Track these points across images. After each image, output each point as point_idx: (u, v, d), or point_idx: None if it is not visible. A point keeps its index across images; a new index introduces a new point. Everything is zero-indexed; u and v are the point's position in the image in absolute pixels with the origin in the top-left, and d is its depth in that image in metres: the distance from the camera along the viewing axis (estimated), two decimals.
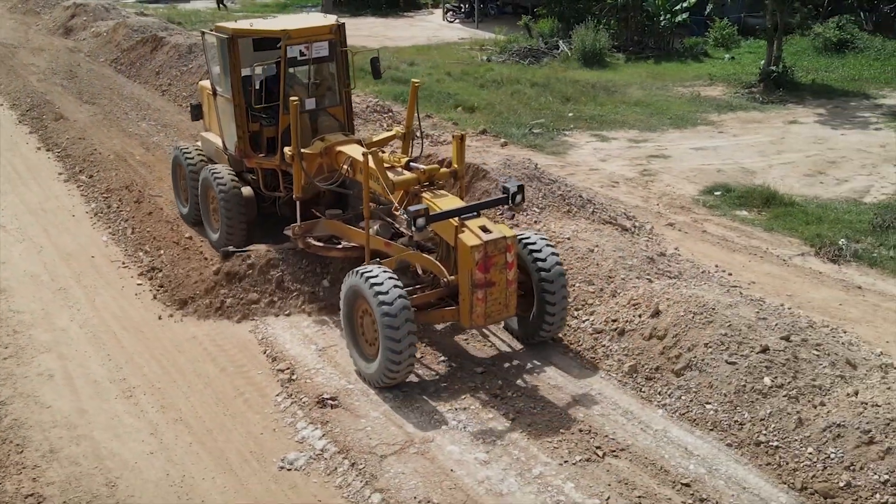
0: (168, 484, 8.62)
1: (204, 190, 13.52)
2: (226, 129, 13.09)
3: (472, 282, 9.43)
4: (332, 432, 9.20)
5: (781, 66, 26.38)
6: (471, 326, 10.02)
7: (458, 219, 9.71)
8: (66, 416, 9.71)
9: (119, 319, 11.90)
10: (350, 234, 11.71)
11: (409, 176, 10.53)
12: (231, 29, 12.35)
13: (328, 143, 11.83)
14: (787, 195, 16.53)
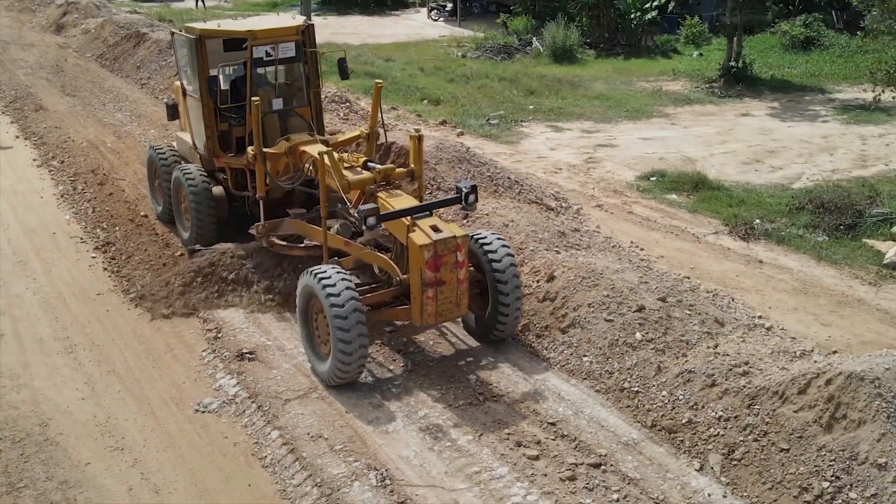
0: (94, 424, 9.60)
1: (175, 189, 13.67)
2: (196, 129, 13.20)
3: (422, 281, 9.51)
4: (245, 381, 10.18)
5: (742, 62, 27.26)
6: (423, 325, 10.12)
7: (411, 218, 9.80)
8: (10, 369, 10.70)
9: (70, 287, 12.89)
10: (312, 233, 11.76)
11: (365, 175, 10.65)
12: (199, 29, 12.51)
13: (293, 143, 11.90)
14: (718, 181, 17.45)
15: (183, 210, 13.62)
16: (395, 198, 10.31)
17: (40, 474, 8.80)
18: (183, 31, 12.90)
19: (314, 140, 12.05)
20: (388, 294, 10.32)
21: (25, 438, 9.37)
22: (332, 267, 9.81)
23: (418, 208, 10.00)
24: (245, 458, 8.99)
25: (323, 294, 9.42)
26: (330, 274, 9.58)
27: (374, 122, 12.29)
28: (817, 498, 7.55)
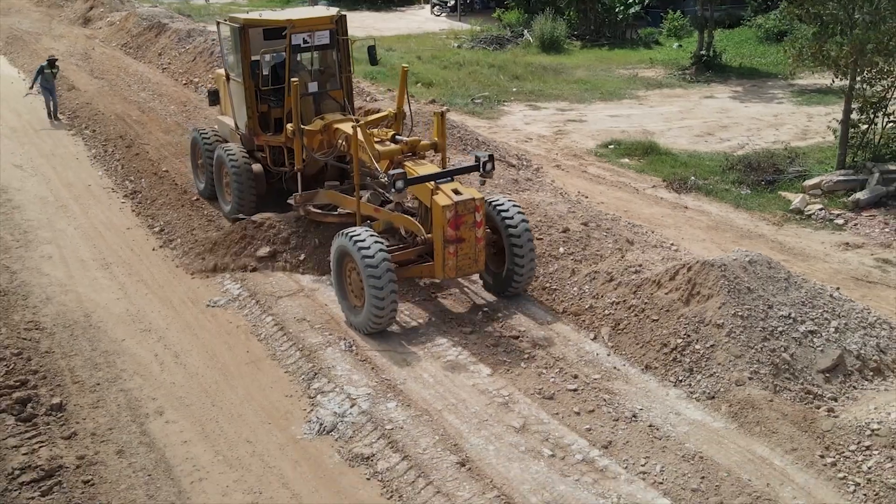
0: (127, 315, 12.16)
1: (218, 166, 14.75)
2: (238, 111, 14.24)
3: (444, 238, 10.55)
4: (246, 285, 12.73)
5: (712, 51, 29.60)
6: (443, 278, 11.19)
7: (434, 183, 10.83)
8: (59, 280, 13.28)
9: (104, 224, 15.48)
10: (345, 202, 12.74)
11: (394, 147, 11.72)
12: (242, 19, 13.54)
13: (327, 121, 12.89)
14: (668, 148, 19.86)
15: (224, 185, 14.73)
16: (420, 166, 11.34)
17: (86, 347, 11.34)
18: (228, 21, 13.89)
19: (346, 119, 13.03)
20: (414, 252, 11.46)
21: (73, 324, 11.92)
22: (364, 229, 10.90)
23: (440, 174, 11.04)
24: (245, 335, 11.54)
25: (357, 253, 10.51)
26: (363, 235, 10.64)
27: (402, 103, 12.93)
28: (672, 350, 10.01)
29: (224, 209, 14.92)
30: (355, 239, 10.65)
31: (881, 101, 17.01)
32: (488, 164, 11.45)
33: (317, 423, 9.51)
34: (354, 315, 11.09)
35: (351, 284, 11.16)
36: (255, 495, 8.51)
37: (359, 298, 10.96)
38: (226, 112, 15.40)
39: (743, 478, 8.15)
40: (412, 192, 11.23)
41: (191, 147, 16.32)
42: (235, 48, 13.68)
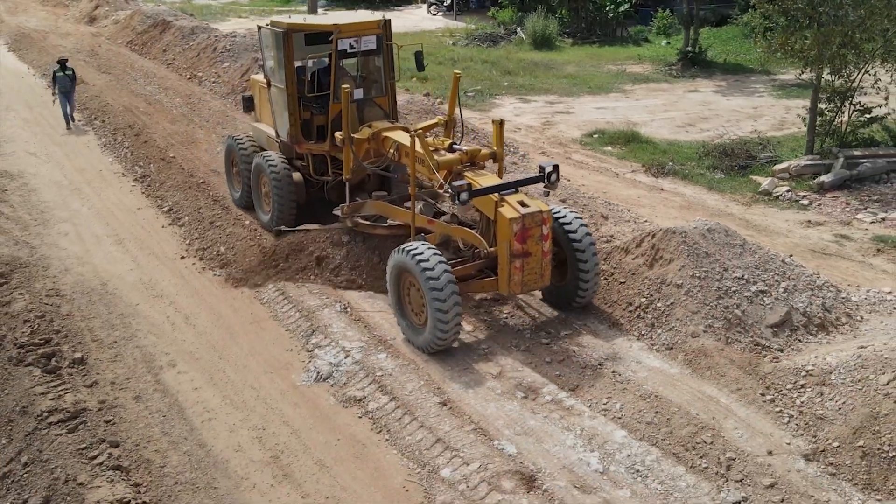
0: (140, 283, 13.21)
1: (256, 175, 14.36)
2: (279, 118, 13.87)
3: (510, 252, 10.12)
4: None
5: (697, 47, 30.66)
6: (509, 294, 10.86)
7: (498, 194, 10.41)
8: (76, 253, 14.32)
9: (116, 204, 16.53)
10: (395, 214, 12.40)
11: (453, 156, 11.20)
12: (286, 24, 13.07)
13: (375, 129, 12.51)
14: (650, 137, 20.90)
15: (263, 195, 14.34)
16: (482, 176, 10.91)
17: (103, 310, 12.39)
18: (270, 26, 13.48)
19: (395, 127, 12.73)
20: (474, 266, 11.00)
21: (91, 291, 12.97)
22: (423, 244, 10.47)
23: (505, 185, 10.61)
24: (248, 299, 12.59)
25: (418, 269, 10.12)
26: (423, 251, 10.23)
27: (452, 110, 12.60)
28: (637, 308, 11.05)
29: (262, 219, 14.46)
30: (415, 255, 10.24)
31: (847, 91, 18.03)
32: (553, 175, 11.00)
33: (314, 371, 10.56)
34: (415, 334, 10.67)
35: (410, 302, 10.77)
36: (259, 431, 9.55)
37: (419, 317, 10.58)
38: (261, 119, 15.18)
39: (692, 412, 9.19)
40: (474, 203, 10.72)
41: (225, 155, 15.87)
42: (278, 54, 13.31)
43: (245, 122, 21.08)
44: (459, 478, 8.54)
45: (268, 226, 14.20)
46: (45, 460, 9.06)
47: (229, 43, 27.35)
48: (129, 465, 9.04)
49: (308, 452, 9.14)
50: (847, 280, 12.60)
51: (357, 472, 8.81)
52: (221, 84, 25.06)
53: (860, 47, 17.42)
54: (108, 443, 9.38)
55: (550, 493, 8.24)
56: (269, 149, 14.48)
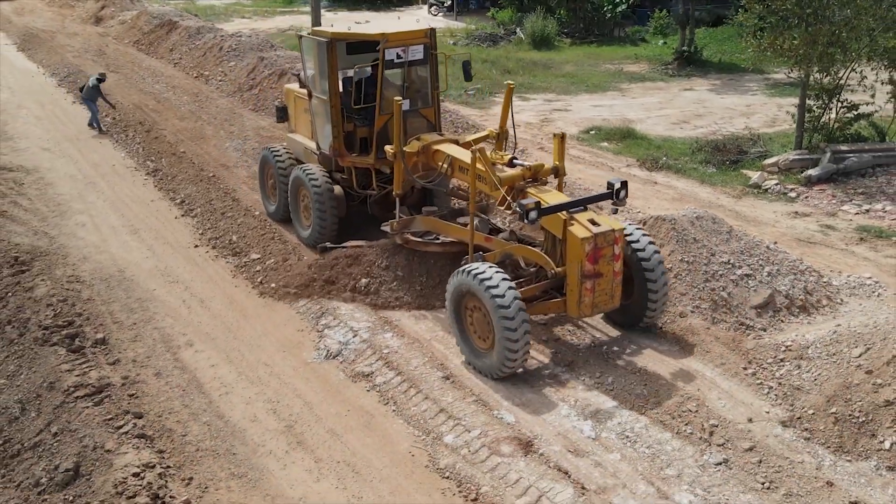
0: (156, 270, 13.86)
1: (294, 188, 13.93)
2: (320, 130, 13.51)
3: (581, 273, 9.73)
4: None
5: (693, 47, 31.33)
6: (579, 316, 10.46)
7: (567, 212, 10.02)
8: (93, 243, 14.96)
9: (130, 197, 17.18)
10: (448, 230, 11.97)
11: (515, 172, 10.83)
12: (330, 33, 12.81)
13: (425, 142, 12.08)
14: (645, 134, 21.54)
15: (302, 209, 13.96)
16: (546, 193, 10.51)
17: (122, 295, 13.04)
18: (312, 35, 13.25)
19: (445, 139, 12.27)
20: (539, 288, 10.46)
21: (109, 278, 13.62)
22: (487, 265, 10.07)
23: (574, 203, 10.28)
24: (254, 284, 13.23)
25: (485, 294, 9.70)
26: (490, 273, 9.81)
27: (505, 122, 12.43)
28: None
29: (302, 234, 14.08)
30: (481, 278, 9.81)
31: (835, 89, 18.68)
32: (622, 192, 10.59)
33: (324, 350, 11.22)
34: (479, 358, 10.23)
35: (473, 325, 10.33)
36: (274, 404, 10.20)
37: (484, 341, 10.17)
38: (297, 130, 14.92)
39: (678, 384, 9.84)
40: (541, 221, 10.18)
41: (260, 167, 15.39)
42: (320, 64, 12.96)
43: (251, 120, 21.80)
44: (461, 443, 9.19)
45: (307, 241, 13.83)
46: (74, 430, 9.68)
47: (235, 42, 27.99)
48: (152, 434, 9.67)
49: (320, 422, 9.78)
50: (829, 266, 13.24)
51: (366, 439, 9.46)
52: (228, 83, 25.70)
53: (847, 46, 18.04)
54: (133, 414, 10.01)
55: (546, 456, 8.88)
56: (307, 161, 14.13)
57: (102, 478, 8.86)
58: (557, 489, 8.39)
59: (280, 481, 8.86)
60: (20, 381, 10.98)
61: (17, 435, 10.15)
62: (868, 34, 17.84)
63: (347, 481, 8.79)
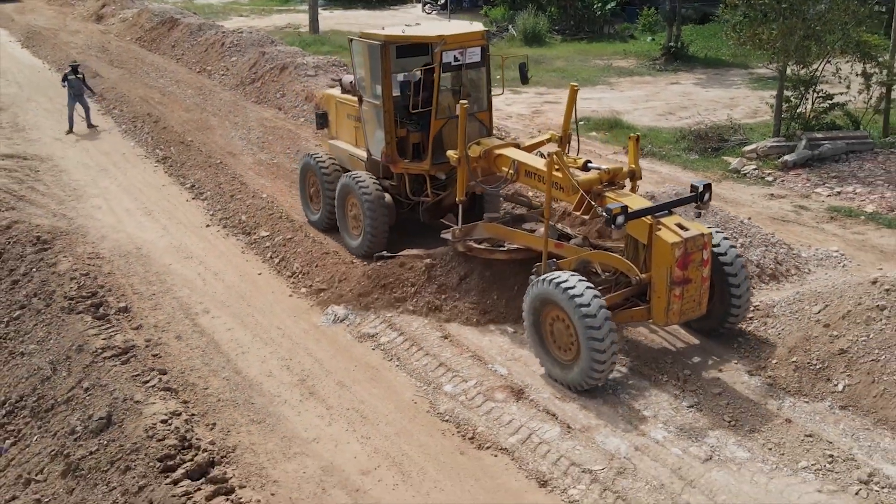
0: (171, 246, 14.79)
1: (342, 197, 13.50)
2: (371, 136, 13.12)
3: (670, 279, 9.40)
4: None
5: (680, 43, 32.35)
6: (665, 324, 10.04)
7: (652, 217, 9.69)
8: (110, 223, 15.89)
9: (142, 182, 18.12)
10: (514, 237, 11.65)
11: (593, 176, 10.41)
12: (383, 36, 12.36)
13: (486, 147, 11.81)
14: (632, 124, 22.52)
15: (351, 217, 13.52)
16: (625, 197, 10.13)
17: (140, 269, 13.97)
18: (363, 38, 12.82)
19: (507, 144, 12.15)
20: (622, 295, 10.13)
21: (127, 254, 14.55)
22: (570, 273, 9.78)
23: (660, 207, 9.95)
24: (264, 259, 14.18)
25: (570, 303, 9.36)
26: (574, 282, 9.47)
27: (568, 125, 11.93)
28: None
29: (350, 245, 13.64)
30: (563, 286, 9.47)
31: (811, 80, 19.69)
32: (706, 195, 10.26)
33: (332, 314, 12.17)
34: (562, 370, 9.90)
35: (554, 336, 10.01)
36: (287, 361, 11.14)
37: (566, 352, 9.85)
38: (339, 136, 14.56)
39: (655, 340, 10.84)
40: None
41: (301, 174, 14.96)
42: (372, 68, 12.62)
43: (255, 111, 22.74)
44: (459, 392, 10.15)
45: (358, 252, 13.41)
46: (104, 385, 10.62)
47: (236, 38, 28.93)
48: (177, 388, 10.60)
49: (330, 376, 10.73)
50: (800, 241, 14.21)
51: (372, 389, 10.41)
52: (230, 76, 26.62)
53: (822, 39, 19.05)
54: (158, 371, 10.93)
55: (536, 402, 9.85)
56: (353, 167, 13.76)
57: (133, 424, 9.77)
58: (546, 428, 9.35)
59: (295, 425, 9.79)
60: (49, 346, 11.93)
61: (49, 392, 11.09)
62: (841, 28, 18.84)
63: (356, 425, 9.73)
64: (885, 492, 8.14)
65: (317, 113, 15.43)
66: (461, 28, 12.95)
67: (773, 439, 8.97)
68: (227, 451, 9.36)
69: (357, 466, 9.03)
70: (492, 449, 9.17)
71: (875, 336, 9.62)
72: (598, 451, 8.97)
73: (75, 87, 21.80)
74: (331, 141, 14.81)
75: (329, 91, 15.35)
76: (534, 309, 10.05)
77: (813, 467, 8.53)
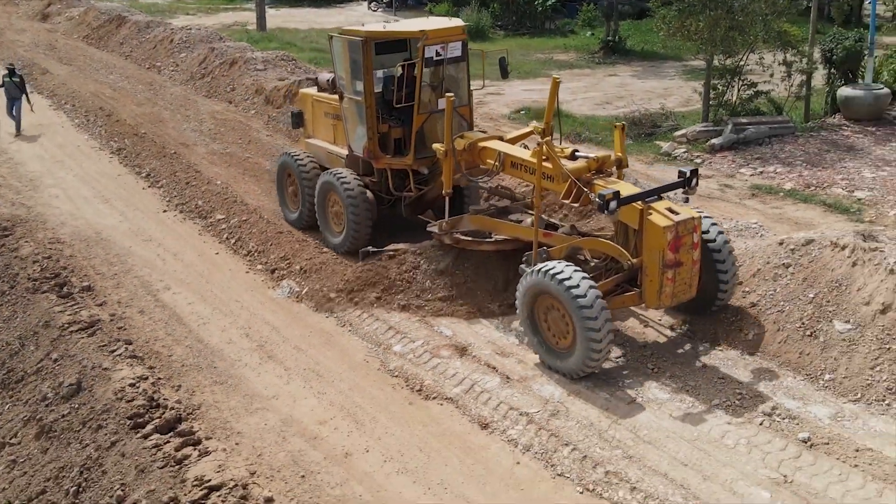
0: (130, 231, 15.41)
1: (323, 194, 13.43)
2: (352, 132, 13.09)
3: (662, 262, 9.55)
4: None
5: (617, 38, 33.59)
6: (657, 308, 10.32)
7: (643, 202, 9.86)
8: (69, 211, 16.44)
9: (98, 173, 18.65)
10: (502, 228, 11.80)
11: (582, 164, 10.63)
12: (364, 32, 12.50)
13: (470, 140, 11.88)
14: (571, 112, 23.57)
15: (332, 215, 13.48)
16: (615, 184, 10.32)
17: (100, 252, 14.58)
18: (344, 34, 12.84)
19: (490, 136, 12.29)
20: (614, 281, 10.30)
21: (87, 238, 15.15)
22: (564, 263, 9.86)
23: (650, 192, 10.18)
24: (221, 240, 14.90)
25: (563, 291, 9.49)
26: (568, 272, 9.60)
27: (550, 117, 11.53)
28: None
29: (332, 242, 13.56)
30: (559, 277, 9.60)
31: (736, 69, 20.93)
32: (693, 180, 10.59)
33: (287, 287, 12.95)
34: (558, 359, 10.05)
35: (548, 324, 10.16)
36: (246, 329, 11.91)
37: (562, 340, 10.00)
38: (315, 135, 14.59)
39: None
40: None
41: (278, 172, 14.88)
42: (353, 64, 12.64)
43: (206, 105, 23.33)
44: (408, 351, 11.03)
45: (340, 249, 13.33)
46: (73, 356, 11.29)
47: (185, 35, 29.41)
48: (142, 356, 11.30)
49: (287, 341, 11.53)
50: (723, 215, 15.32)
51: (327, 352, 11.23)
52: (180, 72, 27.12)
53: (745, 30, 20.28)
54: (123, 341, 11.61)
55: (478, 357, 10.76)
56: (331, 165, 13.75)
57: (103, 388, 10.47)
58: (487, 379, 10.26)
59: (256, 385, 10.57)
60: (16, 324, 12.56)
61: (19, 365, 11.74)
62: (762, 19, 20.08)
63: (313, 382, 10.55)
64: (786, 421, 9.19)
65: (292, 112, 15.42)
66: (441, 23, 13.00)
67: (689, 382, 9.98)
68: (193, 409, 10.09)
69: (314, 418, 9.83)
70: (438, 399, 10.04)
71: (780, 290, 10.70)
72: (535, 397, 9.90)
73: (10, 91, 21.42)
74: (307, 139, 14.80)
75: (305, 90, 15.39)
76: (528, 300, 10.18)
77: (724, 404, 9.55)
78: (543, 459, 8.88)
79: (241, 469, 8.85)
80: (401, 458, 9.03)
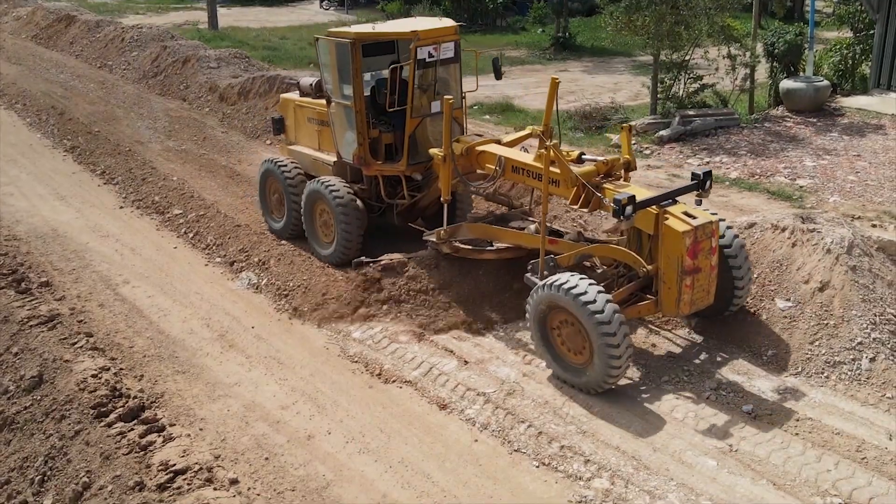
0: (86, 227, 15.45)
1: (310, 203, 12.91)
2: (341, 138, 12.58)
3: (681, 269, 9.16)
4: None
5: (568, 34, 34.12)
6: (676, 316, 9.93)
7: (657, 206, 9.42)
8: (24, 208, 16.41)
9: (53, 170, 18.61)
10: (504, 236, 11.46)
11: (590, 168, 10.21)
12: (353, 33, 11.86)
13: (466, 145, 11.52)
14: (523, 107, 23.98)
15: (320, 225, 12.99)
16: (623, 188, 9.91)
17: (58, 248, 14.61)
18: (331, 36, 12.22)
19: (487, 140, 11.81)
20: (629, 290, 9.93)
21: (44, 235, 15.16)
22: (576, 276, 9.45)
23: (666, 195, 9.71)
24: (179, 235, 15.02)
25: (580, 308, 9.09)
26: (578, 283, 9.22)
27: (549, 119, 11.19)
28: None
29: (321, 253, 13.00)
30: (570, 289, 9.20)
31: (682, 63, 21.49)
32: (707, 182, 10.09)
33: (246, 279, 13.13)
34: (574, 374, 9.63)
35: (562, 339, 9.74)
36: (207, 320, 12.07)
37: (579, 356, 9.55)
38: (298, 141, 14.04)
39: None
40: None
41: (261, 180, 14.23)
42: (342, 67, 12.04)
43: (160, 103, 23.34)
44: (367, 337, 11.30)
45: (331, 260, 12.79)
46: (33, 348, 11.34)
47: (136, 34, 29.31)
48: (104, 347, 11.40)
49: (247, 331, 11.72)
50: None
51: (288, 340, 11.45)
52: (132, 71, 27.04)
53: (690, 25, 20.83)
54: (84, 334, 11.68)
55: (435, 342, 11.07)
56: (317, 173, 13.22)
57: (65, 380, 10.55)
58: (445, 362, 10.58)
59: (217, 373, 10.76)
60: None
61: None
62: (706, 14, 20.65)
63: (274, 369, 10.76)
64: (731, 395, 9.64)
65: (273, 118, 14.66)
66: (433, 23, 12.33)
67: (640, 362, 10.37)
68: (156, 397, 10.25)
69: (277, 403, 10.05)
70: (397, 382, 10.32)
71: None
72: (491, 378, 10.23)
73: None
74: (290, 146, 14.17)
75: (287, 95, 14.65)
76: (539, 317, 9.77)
77: (673, 380, 9.98)
78: (500, 437, 9.20)
79: (206, 453, 9.02)
80: (362, 438, 9.28)
